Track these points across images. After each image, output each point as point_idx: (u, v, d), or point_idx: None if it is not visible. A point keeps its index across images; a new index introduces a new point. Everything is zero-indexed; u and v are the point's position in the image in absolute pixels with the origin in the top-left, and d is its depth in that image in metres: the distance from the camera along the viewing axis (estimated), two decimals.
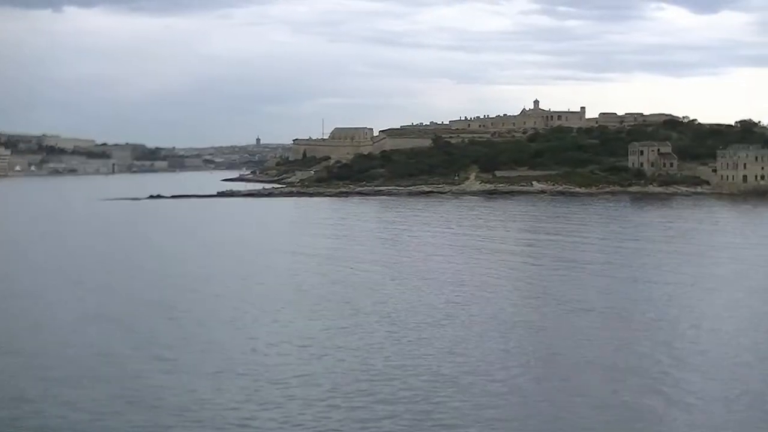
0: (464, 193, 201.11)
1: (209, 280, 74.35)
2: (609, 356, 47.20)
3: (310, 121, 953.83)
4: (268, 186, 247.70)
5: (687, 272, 77.91)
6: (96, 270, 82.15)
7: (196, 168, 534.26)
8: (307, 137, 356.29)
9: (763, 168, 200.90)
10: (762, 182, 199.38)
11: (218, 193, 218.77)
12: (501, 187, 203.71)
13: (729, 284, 70.85)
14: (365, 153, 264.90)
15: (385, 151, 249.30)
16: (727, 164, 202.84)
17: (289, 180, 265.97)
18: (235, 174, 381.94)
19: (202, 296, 66.42)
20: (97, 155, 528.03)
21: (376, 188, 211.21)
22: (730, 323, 55.33)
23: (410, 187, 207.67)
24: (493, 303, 62.25)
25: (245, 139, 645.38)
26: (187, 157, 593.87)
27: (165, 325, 55.99)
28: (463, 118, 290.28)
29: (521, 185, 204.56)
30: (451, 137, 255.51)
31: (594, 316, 57.63)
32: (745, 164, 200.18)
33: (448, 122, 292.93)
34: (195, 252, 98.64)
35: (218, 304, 62.87)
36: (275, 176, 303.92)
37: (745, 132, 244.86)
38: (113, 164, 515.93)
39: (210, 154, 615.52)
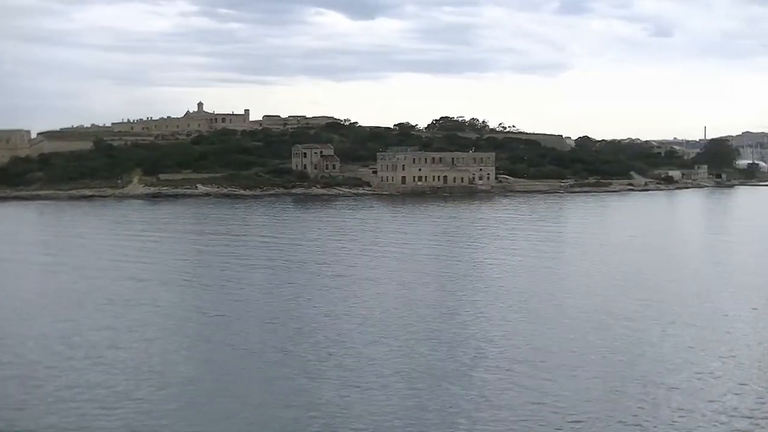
0: (127, 196, 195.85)
1: None
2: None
3: None
4: None
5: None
6: None
7: None
8: None
9: (420, 170, 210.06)
10: (420, 183, 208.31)
11: None
12: (165, 190, 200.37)
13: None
14: (22, 156, 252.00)
15: (43, 154, 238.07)
16: (387, 166, 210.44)
17: None
18: None
19: None
20: None
21: (34, 193, 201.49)
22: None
23: (71, 191, 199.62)
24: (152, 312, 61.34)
25: None
26: None
27: None
28: (126, 121, 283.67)
29: (186, 188, 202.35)
30: (113, 140, 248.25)
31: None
32: (403, 166, 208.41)
33: (110, 124, 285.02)
34: None
35: None
36: None
37: (403, 135, 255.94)
38: None
39: None
